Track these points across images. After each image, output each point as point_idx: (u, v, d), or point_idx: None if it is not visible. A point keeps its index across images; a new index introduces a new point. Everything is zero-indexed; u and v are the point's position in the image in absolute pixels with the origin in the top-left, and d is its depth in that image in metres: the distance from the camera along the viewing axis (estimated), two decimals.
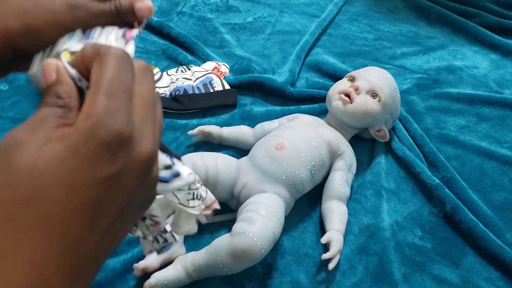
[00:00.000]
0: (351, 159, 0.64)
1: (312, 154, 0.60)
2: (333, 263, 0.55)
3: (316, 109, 0.78)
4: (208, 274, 0.52)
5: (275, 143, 0.60)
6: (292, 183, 0.58)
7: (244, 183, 0.57)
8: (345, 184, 0.62)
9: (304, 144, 0.60)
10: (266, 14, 1.06)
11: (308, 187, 0.61)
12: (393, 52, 0.98)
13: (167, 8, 1.03)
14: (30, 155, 0.20)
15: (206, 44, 0.93)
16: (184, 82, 0.80)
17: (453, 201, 0.64)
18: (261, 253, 0.50)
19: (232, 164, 0.59)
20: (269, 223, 0.52)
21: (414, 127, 0.76)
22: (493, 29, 1.04)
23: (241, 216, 0.53)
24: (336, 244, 0.55)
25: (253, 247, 0.49)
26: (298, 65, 0.88)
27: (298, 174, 0.58)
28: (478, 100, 0.84)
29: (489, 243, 0.60)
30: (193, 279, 0.52)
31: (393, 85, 0.69)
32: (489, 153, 0.74)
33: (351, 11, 1.11)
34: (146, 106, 0.23)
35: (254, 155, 0.60)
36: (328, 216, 0.59)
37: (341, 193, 0.61)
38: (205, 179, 0.56)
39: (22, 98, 0.78)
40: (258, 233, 0.50)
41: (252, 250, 0.49)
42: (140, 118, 0.22)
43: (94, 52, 0.23)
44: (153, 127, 0.23)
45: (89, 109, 0.21)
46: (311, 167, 0.59)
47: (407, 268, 0.58)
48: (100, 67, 0.22)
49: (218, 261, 0.49)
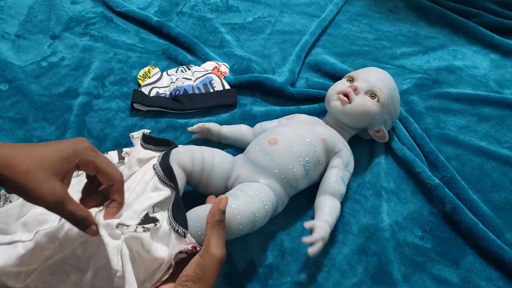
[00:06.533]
0: (348, 157, 0.64)
1: (306, 150, 0.60)
2: (313, 248, 0.52)
3: (316, 109, 0.78)
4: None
5: (268, 138, 0.60)
6: (285, 177, 0.58)
7: (237, 175, 0.58)
8: (340, 181, 0.61)
9: (297, 140, 0.60)
10: (266, 14, 1.06)
11: (303, 183, 0.61)
12: (393, 52, 0.98)
13: (167, 8, 1.03)
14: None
15: (206, 44, 0.93)
16: (184, 82, 0.80)
17: (453, 201, 0.64)
18: (238, 228, 0.50)
19: (228, 159, 0.60)
20: (253, 203, 0.52)
21: (414, 127, 0.76)
22: (493, 29, 1.04)
23: (228, 192, 0.54)
24: (318, 231, 0.54)
25: (232, 218, 0.49)
26: (298, 65, 0.88)
27: (291, 168, 0.58)
28: (478, 100, 0.84)
29: (489, 243, 0.60)
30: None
31: (392, 85, 0.69)
32: (489, 153, 0.74)
33: (351, 11, 1.11)
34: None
35: (248, 150, 0.61)
36: (318, 209, 0.59)
37: (335, 189, 0.60)
38: (201, 170, 0.57)
39: (22, 98, 0.78)
40: (240, 207, 0.50)
41: (230, 220, 0.49)
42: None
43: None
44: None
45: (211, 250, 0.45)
46: (305, 163, 0.59)
47: (407, 268, 0.58)
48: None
49: (197, 227, 0.49)
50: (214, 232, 0.45)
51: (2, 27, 0.93)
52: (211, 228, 0.45)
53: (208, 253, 0.43)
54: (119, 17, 0.99)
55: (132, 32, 0.95)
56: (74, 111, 0.75)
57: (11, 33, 0.92)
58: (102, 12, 1.00)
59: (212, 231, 0.45)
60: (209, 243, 0.44)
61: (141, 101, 0.76)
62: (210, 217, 0.46)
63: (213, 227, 0.45)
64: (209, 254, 0.43)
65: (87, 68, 0.85)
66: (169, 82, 0.82)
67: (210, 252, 0.43)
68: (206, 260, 0.43)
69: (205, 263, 0.43)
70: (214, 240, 0.44)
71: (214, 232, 0.45)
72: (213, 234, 0.45)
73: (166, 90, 0.80)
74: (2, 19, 0.95)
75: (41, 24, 0.95)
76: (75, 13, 0.99)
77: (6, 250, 0.48)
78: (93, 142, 0.71)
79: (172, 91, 0.79)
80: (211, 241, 0.44)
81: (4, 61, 0.84)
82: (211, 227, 0.45)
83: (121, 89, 0.81)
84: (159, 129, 0.74)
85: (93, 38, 0.93)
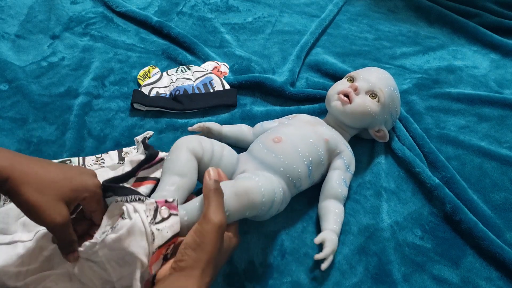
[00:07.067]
0: (350, 158, 0.64)
1: (310, 150, 0.60)
2: (326, 263, 0.54)
3: (316, 109, 0.78)
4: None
5: (272, 137, 0.61)
6: (290, 176, 0.58)
7: (242, 170, 0.58)
8: (343, 183, 0.61)
9: (301, 140, 0.61)
10: (266, 14, 1.06)
11: (306, 184, 0.61)
12: (393, 52, 0.98)
13: (167, 8, 1.03)
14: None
15: (206, 44, 0.93)
16: (184, 82, 0.80)
17: (453, 201, 0.64)
18: (261, 200, 0.49)
19: (234, 154, 0.61)
20: (272, 183, 0.53)
21: (414, 127, 0.76)
22: (493, 29, 1.04)
23: (242, 175, 0.54)
24: (329, 245, 0.55)
25: (255, 189, 0.49)
26: (298, 65, 0.88)
27: (295, 168, 0.58)
28: (478, 100, 0.84)
29: (489, 243, 0.60)
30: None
31: (393, 85, 0.69)
32: (489, 153, 0.74)
33: (351, 11, 1.11)
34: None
35: (253, 149, 0.61)
36: (324, 216, 0.59)
37: (338, 192, 0.60)
38: (210, 160, 0.57)
39: (22, 98, 0.78)
40: (262, 181, 0.51)
41: (254, 191, 0.49)
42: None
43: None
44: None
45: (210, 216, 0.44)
46: (309, 163, 0.59)
47: (407, 268, 0.58)
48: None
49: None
50: (212, 200, 0.45)
51: (2, 27, 0.93)
52: (208, 197, 0.45)
53: (206, 220, 0.43)
54: (119, 17, 0.99)
55: (132, 32, 0.95)
56: (74, 111, 0.75)
57: (11, 33, 0.92)
58: (102, 12, 1.00)
59: (210, 199, 0.45)
60: (207, 210, 0.44)
61: (141, 101, 0.76)
62: (205, 189, 0.46)
63: (210, 195, 0.45)
64: (207, 221, 0.43)
65: (87, 68, 0.85)
66: (169, 82, 0.82)
67: (208, 219, 0.43)
68: (204, 227, 0.43)
69: (203, 230, 0.42)
70: (212, 207, 0.44)
71: (212, 200, 0.45)
72: (211, 202, 0.44)
73: (166, 90, 0.80)
74: (2, 19, 0.95)
75: (41, 24, 0.95)
76: (75, 13, 0.99)
77: (6, 250, 0.48)
78: (93, 142, 0.71)
79: (172, 91, 0.79)
80: (209, 208, 0.44)
81: (4, 61, 0.84)
82: (208, 196, 0.45)
83: (121, 89, 0.81)
84: (159, 129, 0.74)
85: (93, 38, 0.93)
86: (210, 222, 0.43)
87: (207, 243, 0.42)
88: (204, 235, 0.42)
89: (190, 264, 0.42)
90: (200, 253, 0.42)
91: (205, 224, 0.43)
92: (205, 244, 0.42)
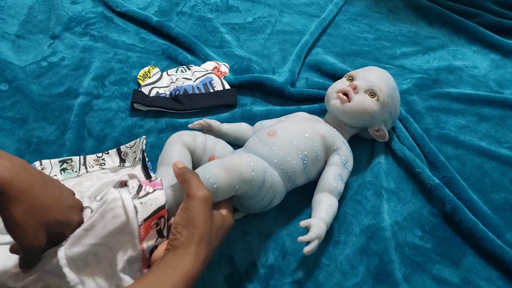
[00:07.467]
0: (347, 155, 0.64)
1: (305, 144, 0.60)
2: (309, 247, 0.52)
3: (316, 109, 0.78)
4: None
5: (267, 131, 0.61)
6: (284, 169, 0.58)
7: None
8: (338, 179, 0.61)
9: (296, 134, 0.61)
10: (266, 14, 1.06)
11: (301, 178, 0.61)
12: (393, 52, 0.98)
13: (167, 8, 1.03)
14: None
15: (206, 44, 0.93)
16: (184, 82, 0.80)
17: (453, 201, 0.64)
18: (250, 175, 0.50)
19: (229, 148, 0.62)
20: (264, 163, 0.55)
21: (414, 127, 0.76)
22: (493, 29, 1.04)
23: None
24: (315, 230, 0.54)
25: (245, 163, 0.50)
26: (298, 65, 0.88)
27: (289, 160, 0.58)
28: (478, 100, 0.84)
29: (489, 243, 0.60)
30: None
31: (392, 84, 0.69)
32: (489, 153, 0.74)
33: (351, 11, 1.11)
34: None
35: (248, 143, 0.62)
36: (315, 206, 0.59)
37: (333, 186, 0.60)
38: (203, 153, 0.59)
39: (22, 98, 0.78)
40: (253, 159, 0.52)
41: (244, 165, 0.50)
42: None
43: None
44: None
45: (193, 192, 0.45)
46: (304, 157, 0.60)
47: (407, 268, 0.58)
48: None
49: (205, 169, 0.50)
50: (189, 178, 0.46)
51: (2, 27, 0.93)
52: (184, 180, 0.46)
53: (190, 196, 0.44)
54: (119, 17, 0.99)
55: (132, 32, 0.95)
56: (74, 111, 0.75)
57: (11, 33, 0.92)
58: (102, 12, 1.00)
59: (187, 180, 0.46)
60: (189, 189, 0.45)
61: (141, 101, 0.76)
62: (178, 176, 0.48)
63: (185, 177, 0.46)
64: (191, 196, 0.44)
65: (87, 68, 0.85)
66: (169, 82, 0.82)
67: (191, 195, 0.44)
68: (189, 203, 0.44)
69: (189, 206, 0.44)
70: (192, 185, 0.45)
71: (189, 180, 0.46)
72: (189, 180, 0.46)
73: (166, 90, 0.80)
74: (2, 19, 0.95)
75: (41, 24, 0.95)
76: (75, 13, 0.99)
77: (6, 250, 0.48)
78: (93, 142, 0.71)
79: (172, 91, 0.79)
80: (191, 187, 0.45)
81: (4, 61, 0.84)
82: (184, 179, 0.46)
83: (121, 89, 0.81)
84: (159, 129, 0.74)
85: (93, 38, 0.93)
86: (195, 197, 0.44)
87: (195, 217, 0.43)
88: (190, 209, 0.44)
89: (183, 241, 0.43)
90: (190, 228, 0.43)
91: (190, 201, 0.44)
92: (194, 219, 0.43)
